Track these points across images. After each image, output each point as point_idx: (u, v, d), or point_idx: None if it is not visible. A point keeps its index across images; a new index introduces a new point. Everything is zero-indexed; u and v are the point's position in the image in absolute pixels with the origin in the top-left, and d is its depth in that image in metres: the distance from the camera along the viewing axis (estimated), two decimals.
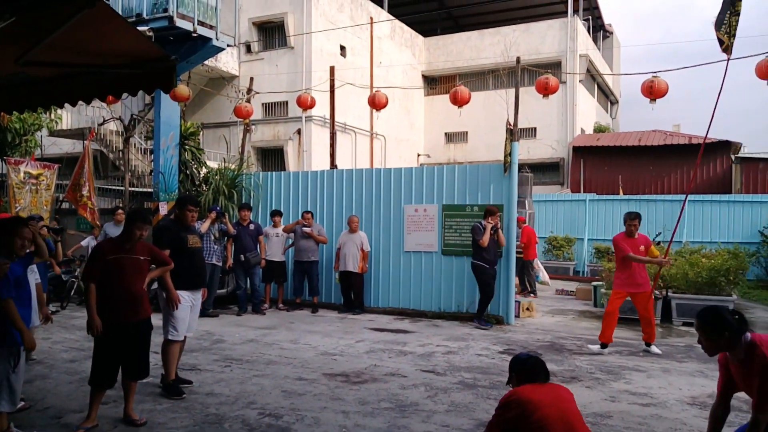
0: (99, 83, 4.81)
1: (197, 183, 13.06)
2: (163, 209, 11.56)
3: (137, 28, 5.71)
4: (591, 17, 31.78)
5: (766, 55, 8.26)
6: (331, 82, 15.27)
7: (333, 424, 5.00)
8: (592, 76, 30.77)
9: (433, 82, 30.00)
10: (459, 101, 11.19)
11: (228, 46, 12.92)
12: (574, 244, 18.29)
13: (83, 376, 5.77)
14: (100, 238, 10.01)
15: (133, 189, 15.54)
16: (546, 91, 10.58)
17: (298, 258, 11.17)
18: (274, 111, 23.17)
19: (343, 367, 6.90)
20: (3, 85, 5.11)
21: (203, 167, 13.38)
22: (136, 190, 16.03)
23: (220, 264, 10.45)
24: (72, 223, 13.88)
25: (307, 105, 14.03)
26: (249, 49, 23.18)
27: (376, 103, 12.43)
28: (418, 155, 29.22)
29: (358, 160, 23.89)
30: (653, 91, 9.34)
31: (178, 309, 5.68)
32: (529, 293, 13.22)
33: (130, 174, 15.39)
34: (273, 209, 11.74)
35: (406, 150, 28.11)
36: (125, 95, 4.96)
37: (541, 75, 10.72)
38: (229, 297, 11.39)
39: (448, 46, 29.14)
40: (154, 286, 5.81)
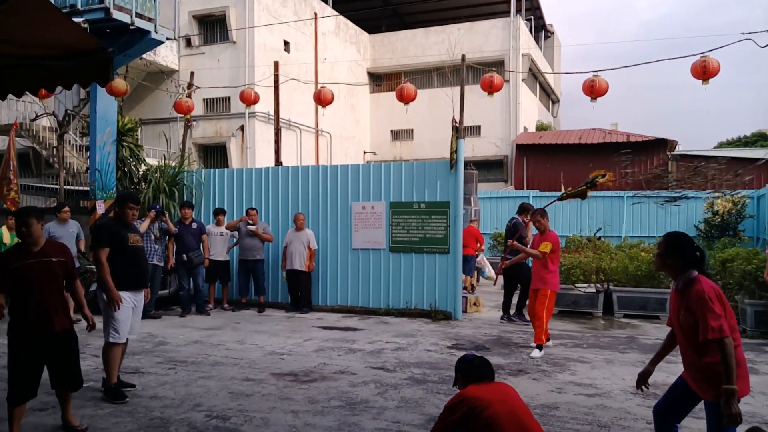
0: (30, 76, 4.59)
1: (136, 181, 12.65)
2: (100, 208, 11.16)
3: (71, 19, 5.47)
4: (533, 17, 32.46)
5: (701, 55, 8.58)
6: (275, 77, 15.06)
7: (282, 424, 4.92)
8: (534, 75, 31.42)
9: (378, 80, 30.03)
10: (405, 98, 11.17)
11: (167, 39, 12.60)
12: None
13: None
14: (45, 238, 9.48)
15: (68, 187, 14.99)
16: (491, 89, 10.68)
17: (243, 257, 10.98)
18: (216, 107, 22.73)
19: (291, 367, 6.81)
20: None
21: (142, 164, 12.98)
22: (72, 188, 15.46)
23: (162, 264, 10.17)
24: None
25: (250, 101, 13.76)
26: (189, 42, 22.66)
27: (322, 100, 12.30)
28: (365, 152, 29.20)
29: (304, 157, 23.70)
30: (594, 89, 9.54)
31: (119, 310, 5.46)
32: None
33: (65, 172, 14.82)
34: (216, 207, 11.48)
35: (352, 147, 28.05)
36: (59, 89, 4.73)
37: (486, 73, 10.82)
38: (172, 298, 11.08)
39: (394, 44, 29.24)
40: (93, 287, 5.57)
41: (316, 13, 24.85)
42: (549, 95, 36.81)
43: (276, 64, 15.31)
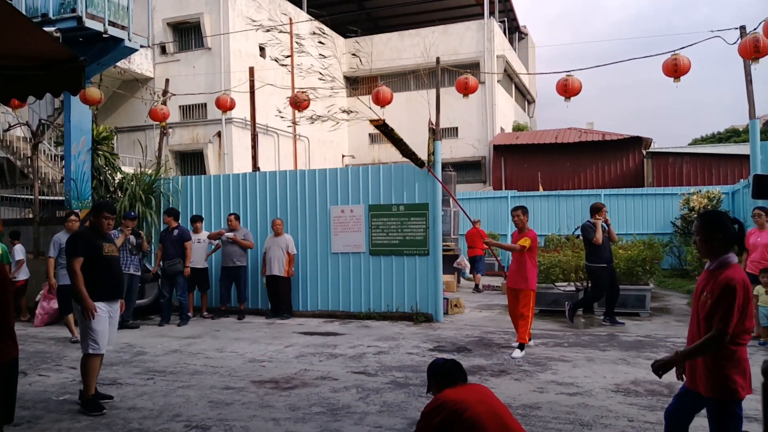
0: (1, 86, 4.52)
1: (112, 189, 12.52)
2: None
3: (42, 29, 5.40)
4: (507, 19, 32.70)
5: (672, 53, 8.71)
6: (251, 83, 14.97)
7: None
8: (510, 77, 31.64)
9: (354, 83, 30.03)
10: (381, 101, 11.21)
11: (141, 47, 12.49)
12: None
13: None
14: (52, 250, 9.27)
15: (43, 197, 14.76)
16: (466, 90, 10.73)
17: (224, 264, 10.87)
18: (192, 113, 22.56)
19: (272, 374, 6.76)
20: None
21: (118, 173, 12.84)
22: (47, 198, 15.24)
23: (139, 274, 10.02)
24: None
25: (226, 107, 13.70)
26: (164, 50, 22.49)
27: (299, 105, 12.28)
28: (343, 156, 29.17)
29: (282, 162, 23.60)
30: (568, 89, 9.64)
31: (94, 319, 5.39)
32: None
33: (39, 182, 14.59)
34: (194, 215, 11.37)
35: (331, 151, 28.01)
36: (31, 98, 4.68)
37: (461, 75, 10.88)
38: (151, 307, 10.95)
39: (369, 48, 29.24)
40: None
41: (291, 19, 24.77)
42: (525, 96, 37.09)
43: (251, 70, 15.22)
